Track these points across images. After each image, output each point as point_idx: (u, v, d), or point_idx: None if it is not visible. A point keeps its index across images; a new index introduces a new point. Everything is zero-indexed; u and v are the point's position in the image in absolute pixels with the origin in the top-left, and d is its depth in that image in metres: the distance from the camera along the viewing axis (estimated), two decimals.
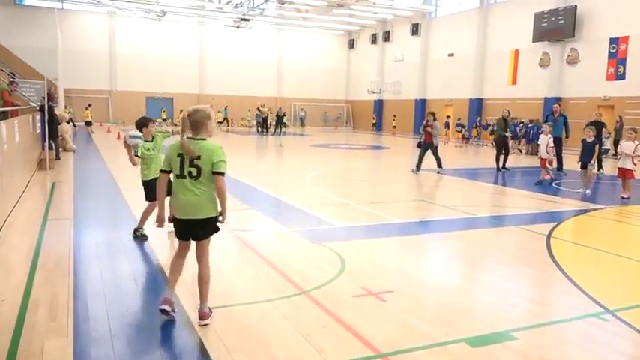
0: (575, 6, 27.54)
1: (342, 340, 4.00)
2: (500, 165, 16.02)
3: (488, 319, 4.54)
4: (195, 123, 4.09)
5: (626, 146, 11.32)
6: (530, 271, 6.06)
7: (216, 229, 4.22)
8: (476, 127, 31.77)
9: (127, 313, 4.39)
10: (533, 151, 22.68)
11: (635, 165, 11.16)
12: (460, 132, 31.47)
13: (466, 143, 29.91)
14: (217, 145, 4.14)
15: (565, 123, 15.80)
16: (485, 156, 21.62)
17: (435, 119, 14.72)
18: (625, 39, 25.33)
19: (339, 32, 46.43)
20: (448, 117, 32.74)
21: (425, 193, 11.80)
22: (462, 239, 7.53)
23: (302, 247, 6.63)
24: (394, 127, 39.91)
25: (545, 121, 15.63)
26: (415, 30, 38.97)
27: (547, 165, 13.47)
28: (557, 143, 15.00)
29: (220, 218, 4.15)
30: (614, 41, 25.84)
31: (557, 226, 8.34)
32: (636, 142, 11.08)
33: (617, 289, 5.54)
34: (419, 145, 15.41)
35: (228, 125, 39.78)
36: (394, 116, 40.75)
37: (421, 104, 38.71)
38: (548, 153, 13.44)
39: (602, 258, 6.79)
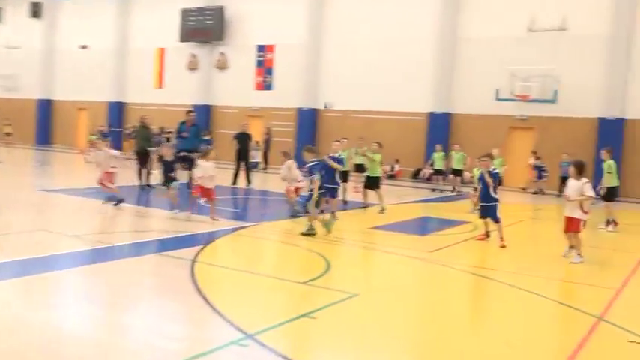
0: (222, 7, 30.42)
1: None
2: (145, 181, 16.31)
3: None
4: None
5: (571, 187, 9.43)
6: (173, 304, 6.31)
7: None
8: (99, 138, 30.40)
9: None
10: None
11: (585, 212, 9.37)
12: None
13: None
14: None
15: (198, 133, 15.85)
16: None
17: None
18: (271, 48, 29.30)
19: None
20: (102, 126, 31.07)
21: (48, 219, 11.28)
22: (94, 275, 7.37)
23: None
24: (8, 134, 35.81)
25: (179, 132, 15.81)
26: (36, 11, 36.59)
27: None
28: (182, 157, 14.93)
29: None
30: (261, 49, 29.59)
31: (203, 248, 8.95)
32: (584, 180, 9.31)
33: (256, 311, 6.25)
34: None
35: None
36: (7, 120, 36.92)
37: (45, 107, 36.55)
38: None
39: (244, 279, 7.60)
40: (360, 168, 17.56)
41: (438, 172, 21.54)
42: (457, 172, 20.33)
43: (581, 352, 5.43)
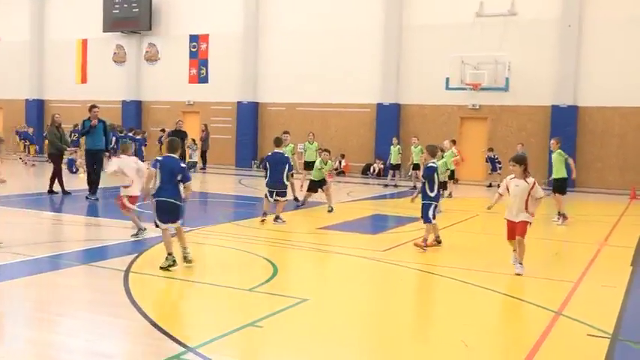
0: None
1: None
2: (61, 186, 15.76)
3: None
4: None
5: (517, 188, 8.70)
6: (106, 318, 6.17)
7: None
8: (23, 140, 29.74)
9: None
10: None
11: (532, 214, 8.76)
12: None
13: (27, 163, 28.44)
14: None
15: (105, 130, 15.52)
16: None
17: None
18: (205, 37, 29.03)
19: None
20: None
21: None
22: (17, 291, 7.15)
23: None
24: None
25: (83, 129, 15.56)
26: None
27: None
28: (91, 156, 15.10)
29: None
30: (194, 39, 29.28)
31: (137, 257, 8.82)
32: (531, 179, 8.68)
33: (197, 322, 6.21)
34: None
35: None
36: None
37: None
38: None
39: (184, 288, 7.54)
40: (308, 165, 17.69)
41: (394, 167, 21.83)
42: (417, 167, 20.63)
43: (541, 349, 5.62)
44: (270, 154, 12.95)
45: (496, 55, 23.16)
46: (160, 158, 8.39)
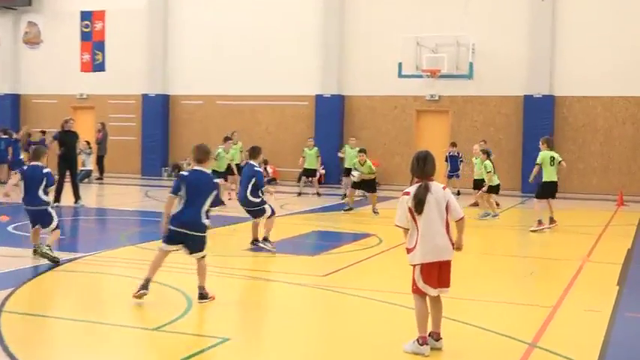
0: None
1: None
2: None
3: None
4: None
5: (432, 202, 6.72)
6: None
7: None
8: None
9: None
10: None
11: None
12: None
13: None
14: None
15: None
16: None
17: None
18: (101, 14, 28.45)
19: None
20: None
21: None
22: None
23: None
24: None
25: None
26: None
27: None
28: None
29: None
30: (86, 16, 28.64)
31: (12, 293, 8.55)
32: (441, 186, 6.91)
33: None
34: None
35: None
36: None
37: None
38: None
39: (73, 330, 7.36)
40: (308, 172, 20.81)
41: (308, 172, 22.29)
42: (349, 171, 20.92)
43: None
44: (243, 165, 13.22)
45: (458, 35, 23.57)
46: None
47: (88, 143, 25.14)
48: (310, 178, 22.64)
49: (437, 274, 6.60)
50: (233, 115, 26.73)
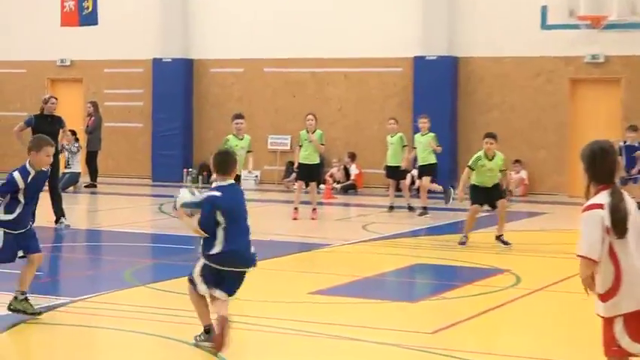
0: None
1: None
2: None
3: None
4: None
5: None
6: None
7: None
8: None
9: None
10: None
11: None
12: None
13: None
14: None
15: None
16: None
17: None
18: None
19: None
20: None
21: None
22: None
23: None
24: None
25: None
26: None
27: None
28: None
29: None
30: None
31: None
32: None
33: None
34: None
35: None
36: None
37: None
38: None
39: None
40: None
41: (390, 173, 22.12)
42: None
43: None
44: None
45: None
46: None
47: (74, 134, 25.20)
48: (399, 182, 22.21)
49: None
50: (289, 88, 26.83)
